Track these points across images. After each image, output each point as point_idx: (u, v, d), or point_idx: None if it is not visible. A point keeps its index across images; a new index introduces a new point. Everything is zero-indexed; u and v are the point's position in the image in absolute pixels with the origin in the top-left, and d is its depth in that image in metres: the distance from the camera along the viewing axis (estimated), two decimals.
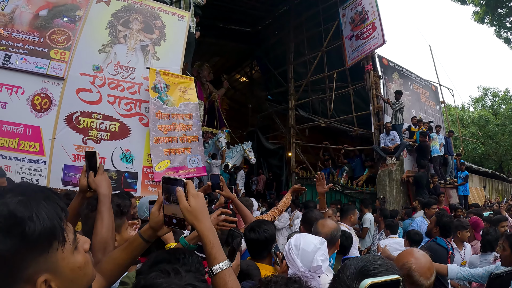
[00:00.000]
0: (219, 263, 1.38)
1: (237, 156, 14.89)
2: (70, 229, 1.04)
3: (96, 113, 6.02)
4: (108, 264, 1.60)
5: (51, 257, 0.96)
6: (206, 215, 1.46)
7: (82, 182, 1.95)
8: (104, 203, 1.89)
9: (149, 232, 1.58)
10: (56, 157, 5.58)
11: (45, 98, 5.77)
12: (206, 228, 1.43)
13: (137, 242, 1.59)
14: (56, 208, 0.99)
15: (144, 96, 6.42)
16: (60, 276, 0.99)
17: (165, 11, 7.20)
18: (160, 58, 6.81)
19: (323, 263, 2.11)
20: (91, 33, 6.39)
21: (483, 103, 37.99)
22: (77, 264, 1.05)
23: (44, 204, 0.96)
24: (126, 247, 1.61)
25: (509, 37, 22.33)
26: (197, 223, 1.43)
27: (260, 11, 17.00)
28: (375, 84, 12.39)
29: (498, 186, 21.25)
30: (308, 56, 15.69)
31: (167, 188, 1.49)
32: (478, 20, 21.71)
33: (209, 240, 1.41)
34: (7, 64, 5.65)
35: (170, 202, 1.50)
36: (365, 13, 12.63)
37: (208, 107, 15.65)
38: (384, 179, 11.07)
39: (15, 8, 6.01)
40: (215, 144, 14.33)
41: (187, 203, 1.43)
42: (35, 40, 5.93)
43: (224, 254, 1.43)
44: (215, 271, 1.37)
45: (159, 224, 1.55)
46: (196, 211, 1.43)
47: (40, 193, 0.99)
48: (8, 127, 5.47)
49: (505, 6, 20.92)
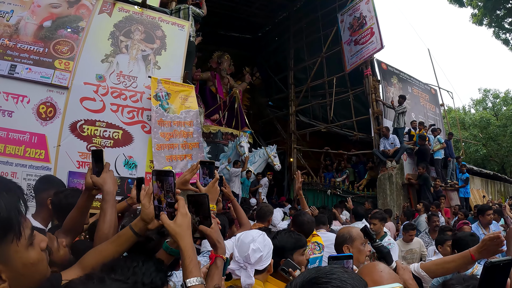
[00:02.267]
0: (193, 277, 1.45)
1: (260, 161, 13.58)
2: (27, 225, 1.04)
3: (99, 121, 6.17)
4: (91, 257, 1.60)
5: (4, 249, 0.97)
6: (189, 233, 1.52)
7: (88, 180, 1.97)
8: (108, 200, 1.93)
9: (140, 225, 1.59)
10: (61, 164, 5.72)
11: (50, 107, 5.92)
12: (188, 244, 1.49)
13: (127, 235, 1.60)
14: (15, 200, 0.99)
15: (146, 104, 6.58)
16: (11, 269, 1.00)
17: (166, 21, 7.37)
18: (161, 67, 6.97)
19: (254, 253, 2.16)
20: (94, 43, 6.56)
21: (484, 105, 37.74)
22: (30, 260, 1.06)
23: (5, 195, 0.96)
24: (115, 240, 1.63)
25: (508, 38, 22.38)
26: (180, 240, 1.48)
27: (260, 18, 17.28)
28: (375, 88, 12.57)
29: (500, 188, 21.18)
30: (308, 62, 15.93)
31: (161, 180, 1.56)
32: (477, 22, 21.76)
33: (189, 255, 1.48)
34: (12, 74, 5.79)
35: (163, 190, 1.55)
36: (363, 18, 12.81)
37: (227, 104, 14.88)
38: (384, 182, 11.20)
39: (20, 19, 6.17)
40: (237, 149, 12.80)
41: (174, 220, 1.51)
42: (39, 51, 6.09)
43: (200, 271, 1.51)
44: (188, 284, 1.44)
45: (150, 216, 1.56)
46: (181, 228, 1.49)
47: (2, 185, 1.00)
48: (14, 135, 5.61)
49: (503, 8, 20.98)
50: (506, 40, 22.47)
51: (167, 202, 1.55)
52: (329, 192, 12.85)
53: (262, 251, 2.19)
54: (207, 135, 12.93)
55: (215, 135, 13.32)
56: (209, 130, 13.23)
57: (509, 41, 22.49)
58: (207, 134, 12.96)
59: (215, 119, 14.19)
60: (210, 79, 14.90)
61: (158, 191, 1.57)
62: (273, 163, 13.10)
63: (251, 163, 12.83)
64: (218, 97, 14.73)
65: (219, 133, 13.43)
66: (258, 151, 13.60)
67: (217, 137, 13.35)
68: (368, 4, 12.70)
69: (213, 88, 14.84)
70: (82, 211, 2.08)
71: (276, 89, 17.95)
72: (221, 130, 13.58)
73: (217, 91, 14.81)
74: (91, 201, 2.08)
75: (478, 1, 20.77)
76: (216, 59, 15.36)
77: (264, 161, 13.38)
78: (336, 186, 12.92)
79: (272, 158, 13.15)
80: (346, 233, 2.99)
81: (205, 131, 12.71)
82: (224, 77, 15.27)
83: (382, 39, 12.17)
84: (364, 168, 13.14)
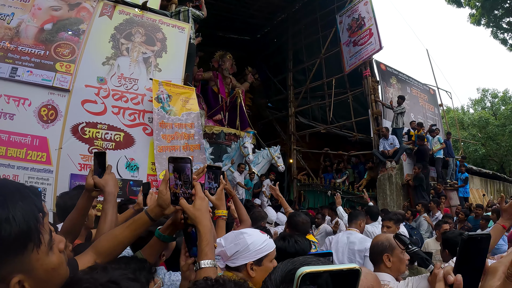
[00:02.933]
0: (207, 259, 1.50)
1: (263, 162, 13.00)
2: (46, 230, 1.03)
3: (101, 123, 6.21)
4: (106, 242, 1.62)
5: (25, 258, 0.96)
6: (208, 217, 1.58)
7: (89, 181, 1.99)
8: (109, 201, 1.95)
9: (156, 210, 1.63)
10: (63, 167, 5.76)
11: (52, 110, 5.96)
12: (206, 227, 1.54)
13: (143, 220, 1.64)
14: (33, 209, 0.98)
15: (147, 106, 6.62)
16: (34, 277, 0.99)
17: (166, 24, 7.41)
18: (162, 70, 7.03)
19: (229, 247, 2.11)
20: (95, 46, 6.61)
21: (482, 105, 37.79)
22: (51, 265, 1.06)
23: (21, 204, 0.95)
24: (130, 225, 1.64)
25: (506, 38, 22.44)
26: (199, 223, 1.53)
27: (259, 19, 17.26)
28: (373, 89, 12.58)
29: (500, 187, 21.21)
30: (307, 63, 15.99)
31: (178, 167, 1.58)
32: (475, 22, 21.80)
33: (206, 238, 1.53)
34: (14, 77, 5.84)
35: (180, 180, 1.58)
36: (362, 19, 12.84)
37: (229, 104, 14.59)
38: (384, 183, 11.22)
39: (21, 22, 6.21)
40: (240, 150, 12.31)
41: (193, 204, 1.55)
42: (40, 53, 6.13)
43: (214, 255, 1.57)
44: (201, 265, 1.49)
45: (166, 202, 1.61)
46: (200, 211, 1.54)
47: (17, 193, 0.98)
48: (16, 138, 5.65)
49: (501, 8, 21.07)
50: (504, 39, 22.54)
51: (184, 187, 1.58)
52: (329, 193, 12.87)
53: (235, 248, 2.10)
54: (210, 136, 12.85)
55: (217, 135, 13.24)
56: (211, 130, 13.14)
57: (507, 41, 22.57)
58: (210, 135, 12.88)
59: (217, 119, 14.09)
60: (212, 79, 14.84)
61: (174, 179, 1.59)
62: (277, 164, 12.67)
63: (254, 164, 12.47)
64: (220, 97, 14.64)
65: (222, 134, 13.34)
66: (261, 152, 13.20)
67: (220, 137, 13.26)
68: (366, 6, 12.72)
69: (215, 88, 14.78)
70: (82, 213, 2.08)
71: (275, 91, 17.99)
72: (224, 131, 13.48)
73: (219, 91, 14.77)
74: (90, 202, 2.09)
75: (476, 1, 20.84)
76: (218, 59, 15.29)
77: (268, 162, 12.97)
78: (336, 187, 12.93)
79: (276, 159, 12.69)
80: (385, 241, 2.72)
81: (208, 131, 12.66)
82: (226, 77, 15.18)
83: (381, 40, 12.21)
84: (364, 169, 13.13)
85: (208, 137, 12.39)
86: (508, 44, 22.65)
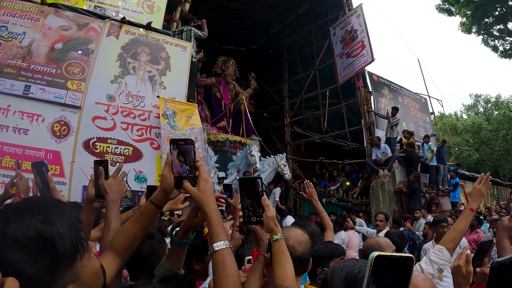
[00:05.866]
0: (220, 241, 1.45)
1: (269, 170, 12.69)
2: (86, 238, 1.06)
3: (111, 138, 6.63)
4: (120, 239, 1.60)
5: (75, 268, 0.97)
6: (213, 197, 1.55)
7: (90, 191, 1.97)
8: (111, 209, 1.85)
9: (160, 196, 1.60)
10: (76, 179, 6.13)
11: (64, 125, 6.35)
12: (213, 209, 1.51)
13: (149, 209, 1.61)
14: (74, 220, 1.00)
15: (154, 122, 7.04)
16: (82, 284, 1.02)
17: (169, 43, 7.83)
18: (167, 87, 7.44)
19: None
20: (103, 65, 7.01)
21: (475, 110, 38.06)
22: (95, 270, 1.10)
23: (63, 218, 0.96)
24: (138, 217, 1.61)
25: (496, 45, 22.90)
26: (205, 205, 1.51)
27: (254, 31, 17.63)
28: (366, 100, 12.99)
29: (494, 191, 21.47)
30: (302, 74, 16.37)
31: (182, 150, 1.54)
32: (465, 31, 22.28)
33: (215, 219, 1.49)
34: (27, 94, 6.19)
35: (187, 164, 1.55)
36: (354, 32, 13.20)
37: (233, 110, 14.29)
38: (377, 190, 11.59)
39: (32, 41, 6.55)
40: (247, 158, 12.11)
41: (197, 186, 1.54)
42: (52, 72, 6.50)
43: (226, 235, 1.51)
44: (215, 248, 1.44)
45: (170, 186, 1.57)
46: (205, 193, 1.52)
47: (56, 208, 0.98)
48: (30, 152, 6.01)
49: (491, 15, 21.47)
50: (495, 46, 23.01)
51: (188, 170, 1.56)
52: (324, 201, 13.18)
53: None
54: (215, 144, 12.54)
55: (223, 143, 12.85)
56: (216, 138, 12.74)
57: (498, 48, 23.05)
58: (215, 143, 12.57)
59: (221, 126, 13.79)
60: (215, 85, 14.61)
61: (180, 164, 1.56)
62: (283, 172, 12.50)
63: (260, 172, 12.07)
64: (224, 103, 14.38)
65: (227, 142, 12.94)
66: (267, 159, 12.99)
67: (225, 145, 12.87)
68: (359, 18, 13.09)
69: (218, 94, 14.53)
70: (86, 227, 1.95)
71: (271, 101, 18.17)
72: (229, 138, 13.07)
73: (222, 97, 14.52)
74: (93, 215, 2.03)
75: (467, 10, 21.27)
76: (220, 65, 15.06)
77: (274, 170, 12.77)
78: (331, 194, 13.28)
79: (282, 167, 12.53)
80: (374, 244, 2.86)
81: (213, 139, 12.47)
82: (230, 82, 14.91)
83: (373, 52, 12.59)
84: (358, 177, 13.51)
85: (212, 145, 12.24)
86: (499, 51, 23.10)
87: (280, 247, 1.63)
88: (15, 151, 5.91)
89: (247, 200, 1.67)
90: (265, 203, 1.63)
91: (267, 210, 1.63)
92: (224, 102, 14.31)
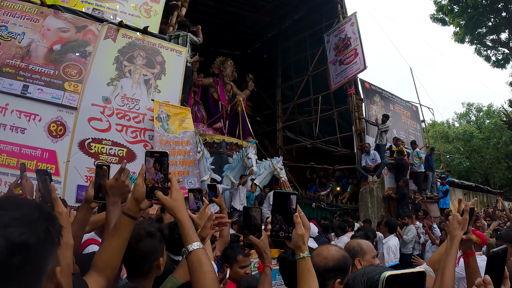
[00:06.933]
0: (194, 242, 1.56)
1: (265, 173, 12.47)
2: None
3: (106, 139, 6.83)
4: (102, 257, 1.61)
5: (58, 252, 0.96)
6: (184, 205, 1.65)
7: (89, 192, 2.00)
8: (111, 211, 1.86)
9: (132, 207, 1.63)
10: (70, 178, 6.32)
11: (60, 125, 6.54)
12: (184, 215, 1.62)
13: (124, 222, 1.62)
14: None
15: (148, 125, 7.24)
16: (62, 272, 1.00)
17: (165, 47, 8.03)
18: (161, 91, 7.66)
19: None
20: (100, 67, 7.20)
21: (467, 119, 38.18)
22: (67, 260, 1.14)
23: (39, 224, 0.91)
24: (114, 233, 1.63)
25: (489, 55, 23.16)
26: (177, 212, 1.61)
27: (249, 35, 17.77)
28: (357, 107, 13.15)
29: (483, 199, 21.58)
30: (295, 79, 16.55)
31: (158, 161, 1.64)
32: (458, 40, 22.55)
33: (187, 224, 1.59)
34: (25, 94, 6.37)
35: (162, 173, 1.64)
36: (348, 39, 13.37)
37: (230, 112, 14.02)
38: (366, 196, 11.74)
39: (31, 42, 6.72)
40: (243, 161, 11.72)
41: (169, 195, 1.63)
42: (50, 73, 6.68)
43: (198, 236, 1.62)
44: (190, 249, 1.54)
45: (142, 195, 1.63)
46: (177, 201, 1.62)
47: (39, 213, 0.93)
48: (26, 150, 6.18)
49: (485, 26, 21.76)
50: (488, 56, 23.29)
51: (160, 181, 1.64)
52: (313, 205, 13.31)
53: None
54: (211, 145, 12.27)
55: (219, 145, 12.58)
56: (213, 139, 12.48)
57: (491, 58, 23.34)
58: (211, 144, 12.31)
59: (217, 127, 13.65)
60: (213, 85, 14.44)
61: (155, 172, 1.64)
62: (279, 176, 12.17)
63: (256, 175, 11.75)
64: (221, 104, 14.24)
65: (223, 143, 12.66)
66: (263, 162, 12.70)
67: (222, 147, 12.61)
68: (353, 26, 13.26)
69: (215, 94, 14.38)
70: (81, 225, 2.03)
71: (264, 105, 18.27)
72: (225, 140, 12.79)
73: (219, 98, 14.40)
74: (89, 214, 2.07)
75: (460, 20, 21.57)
76: (218, 65, 14.87)
77: (270, 173, 12.57)
78: (321, 199, 13.41)
79: (278, 170, 12.31)
80: (356, 246, 2.81)
81: (209, 140, 12.28)
82: (227, 83, 14.74)
83: (365, 60, 12.76)
84: (347, 182, 13.62)
85: (208, 146, 12.01)
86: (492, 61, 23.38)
87: (306, 265, 1.70)
88: (12, 149, 6.07)
89: (278, 215, 1.75)
90: (296, 220, 1.72)
91: (297, 228, 1.72)
92: (221, 103, 14.29)
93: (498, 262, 1.42)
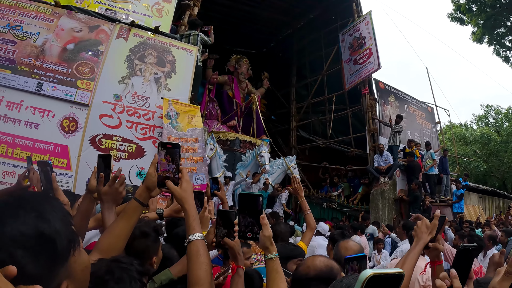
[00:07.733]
0: (195, 233, 1.61)
1: (278, 172, 12.45)
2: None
3: (116, 136, 7.02)
4: (105, 239, 1.66)
5: (68, 265, 0.94)
6: (192, 196, 1.71)
7: (92, 182, 1.99)
8: (106, 216, 1.93)
9: (143, 193, 1.70)
10: (81, 172, 6.48)
11: (73, 122, 6.73)
12: (192, 206, 1.68)
13: (133, 206, 1.69)
14: (65, 214, 0.96)
15: (157, 122, 7.41)
16: (74, 279, 1.00)
17: (176, 46, 8.16)
18: (171, 89, 7.80)
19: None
20: (112, 66, 7.38)
21: (486, 121, 37.16)
22: (85, 264, 1.08)
23: (56, 215, 0.92)
24: (122, 216, 1.68)
25: (508, 56, 22.44)
26: (185, 202, 1.67)
27: (265, 34, 17.71)
28: (371, 107, 13.10)
29: (499, 204, 21.07)
30: (310, 79, 16.52)
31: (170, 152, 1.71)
32: (477, 40, 22.10)
33: (192, 215, 1.65)
34: (39, 91, 6.60)
35: (174, 164, 1.70)
36: (363, 39, 13.31)
37: (244, 110, 13.92)
38: (377, 197, 11.68)
39: (45, 41, 6.94)
40: (256, 159, 11.71)
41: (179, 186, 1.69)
42: (63, 71, 6.88)
43: (200, 228, 1.67)
44: (190, 239, 1.60)
45: (154, 184, 1.69)
46: (186, 192, 1.68)
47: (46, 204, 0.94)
48: (40, 145, 6.41)
49: (504, 26, 21.26)
50: (507, 57, 22.61)
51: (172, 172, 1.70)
52: (325, 205, 13.28)
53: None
54: (224, 142, 12.34)
55: (232, 142, 12.62)
56: (226, 137, 12.55)
57: (510, 59, 22.73)
58: (224, 141, 12.37)
59: (231, 125, 13.62)
60: (227, 83, 14.48)
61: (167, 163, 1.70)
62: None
63: (269, 174, 11.82)
64: (235, 102, 14.19)
65: (237, 141, 12.72)
66: (276, 161, 12.69)
67: (235, 145, 12.66)
68: (367, 26, 13.20)
69: (230, 92, 14.40)
70: (85, 215, 2.07)
71: (278, 104, 18.20)
72: (239, 138, 12.86)
73: (234, 95, 14.38)
74: (92, 204, 2.08)
75: (478, 19, 21.20)
76: (234, 63, 14.95)
77: (283, 172, 12.53)
78: (332, 199, 13.39)
79: (291, 169, 12.24)
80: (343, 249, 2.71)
81: (223, 138, 12.38)
82: (242, 81, 14.75)
83: (380, 60, 12.69)
84: (359, 183, 13.57)
85: (222, 143, 12.11)
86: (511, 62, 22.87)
87: (274, 266, 1.71)
88: (26, 144, 6.29)
89: (246, 216, 1.75)
90: (263, 221, 1.71)
91: (264, 229, 1.71)
92: (236, 100, 14.29)
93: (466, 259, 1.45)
